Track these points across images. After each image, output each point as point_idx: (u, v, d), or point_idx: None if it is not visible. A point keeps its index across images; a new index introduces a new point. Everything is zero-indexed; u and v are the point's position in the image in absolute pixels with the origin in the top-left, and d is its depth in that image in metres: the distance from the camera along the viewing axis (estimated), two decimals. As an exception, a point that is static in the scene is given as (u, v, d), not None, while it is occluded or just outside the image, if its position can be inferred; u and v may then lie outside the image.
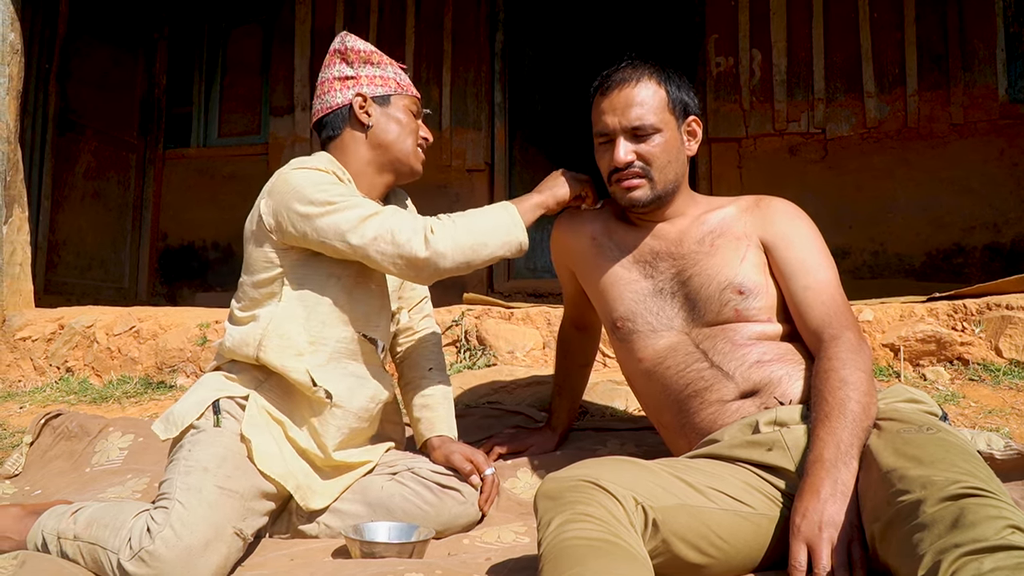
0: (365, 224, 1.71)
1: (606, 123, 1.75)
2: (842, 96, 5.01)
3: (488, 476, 1.89)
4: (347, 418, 1.81)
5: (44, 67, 5.22)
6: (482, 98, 5.60)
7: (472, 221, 1.76)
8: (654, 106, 1.73)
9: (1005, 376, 2.50)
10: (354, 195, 1.77)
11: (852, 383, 1.47)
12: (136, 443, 2.37)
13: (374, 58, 1.94)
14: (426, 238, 1.70)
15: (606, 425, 2.38)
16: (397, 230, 1.70)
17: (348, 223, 1.71)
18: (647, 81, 1.75)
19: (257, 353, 1.76)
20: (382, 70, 1.94)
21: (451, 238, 1.72)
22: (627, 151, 1.72)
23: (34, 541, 1.66)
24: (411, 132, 1.95)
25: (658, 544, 1.30)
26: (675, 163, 1.77)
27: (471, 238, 1.73)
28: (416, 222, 1.73)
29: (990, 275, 4.29)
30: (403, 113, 1.94)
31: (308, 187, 1.74)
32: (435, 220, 1.75)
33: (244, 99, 6.14)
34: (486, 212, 1.80)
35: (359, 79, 1.92)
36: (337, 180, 1.80)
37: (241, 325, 1.83)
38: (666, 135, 1.74)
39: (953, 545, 1.05)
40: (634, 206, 1.77)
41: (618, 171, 1.74)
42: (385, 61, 1.96)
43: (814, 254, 1.70)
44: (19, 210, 3.85)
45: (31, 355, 3.57)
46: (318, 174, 1.78)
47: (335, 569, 1.53)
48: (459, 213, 1.79)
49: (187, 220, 6.12)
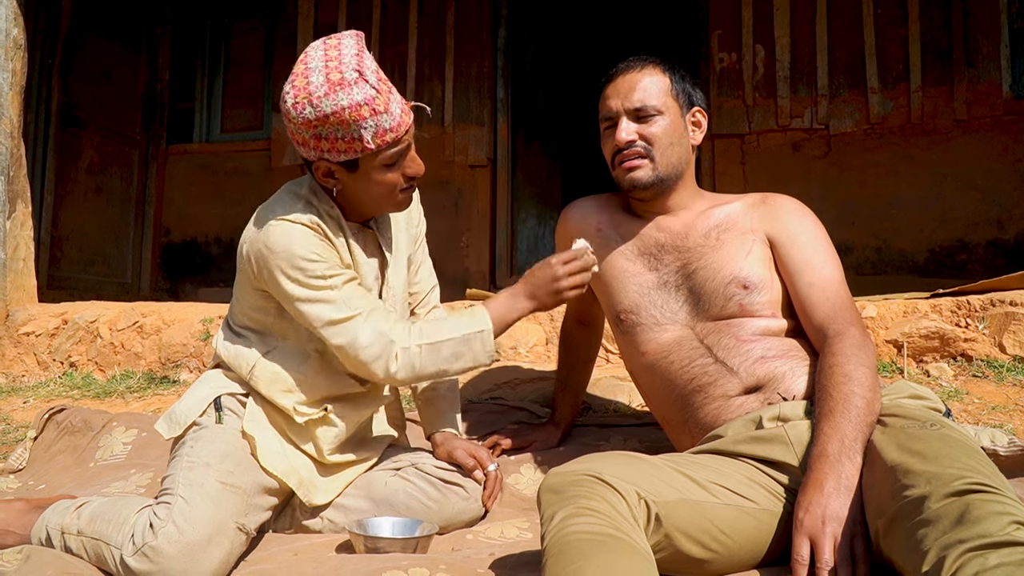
0: (333, 329, 1.67)
1: (609, 107, 1.79)
2: (845, 92, 5.00)
3: (492, 472, 1.90)
4: (338, 433, 1.81)
5: (47, 62, 5.22)
6: (484, 94, 5.59)
7: (440, 348, 1.70)
8: (657, 90, 1.77)
9: (1009, 372, 2.50)
10: (331, 273, 1.69)
11: (856, 379, 1.47)
12: (140, 438, 2.37)
13: (345, 115, 1.58)
14: (386, 368, 1.68)
15: (609, 421, 2.38)
16: (362, 348, 1.67)
17: (317, 321, 1.68)
18: (651, 68, 1.80)
19: (248, 379, 1.77)
20: (353, 129, 1.60)
21: (411, 369, 1.69)
22: (629, 131, 1.76)
23: (38, 536, 1.66)
24: (385, 191, 1.73)
25: (661, 539, 1.30)
26: (678, 147, 1.78)
27: (434, 367, 1.71)
28: (383, 345, 1.67)
29: (994, 271, 4.28)
30: (376, 173, 1.69)
31: (286, 263, 1.67)
32: (402, 342, 1.69)
33: (247, 94, 6.13)
34: (459, 336, 1.71)
35: (323, 141, 1.63)
36: (318, 249, 1.69)
37: (236, 337, 1.82)
38: (668, 119, 1.77)
39: (958, 541, 1.04)
40: (635, 187, 1.78)
41: (620, 152, 1.77)
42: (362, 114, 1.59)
43: (820, 251, 1.70)
44: (22, 205, 3.86)
45: (35, 350, 3.57)
46: (300, 242, 1.67)
47: (339, 564, 1.53)
48: (433, 329, 1.71)
49: (190, 215, 6.13)
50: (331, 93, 1.57)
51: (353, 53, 1.62)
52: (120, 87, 5.93)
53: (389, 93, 1.63)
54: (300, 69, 1.62)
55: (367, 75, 1.59)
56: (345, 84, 1.57)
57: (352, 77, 1.58)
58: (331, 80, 1.57)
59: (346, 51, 1.62)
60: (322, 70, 1.59)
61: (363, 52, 1.65)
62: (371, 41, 5.75)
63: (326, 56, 1.62)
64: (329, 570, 1.50)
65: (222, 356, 1.82)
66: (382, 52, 5.71)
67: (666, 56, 1.87)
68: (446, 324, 1.73)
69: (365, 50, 1.67)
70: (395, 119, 1.63)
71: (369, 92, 1.58)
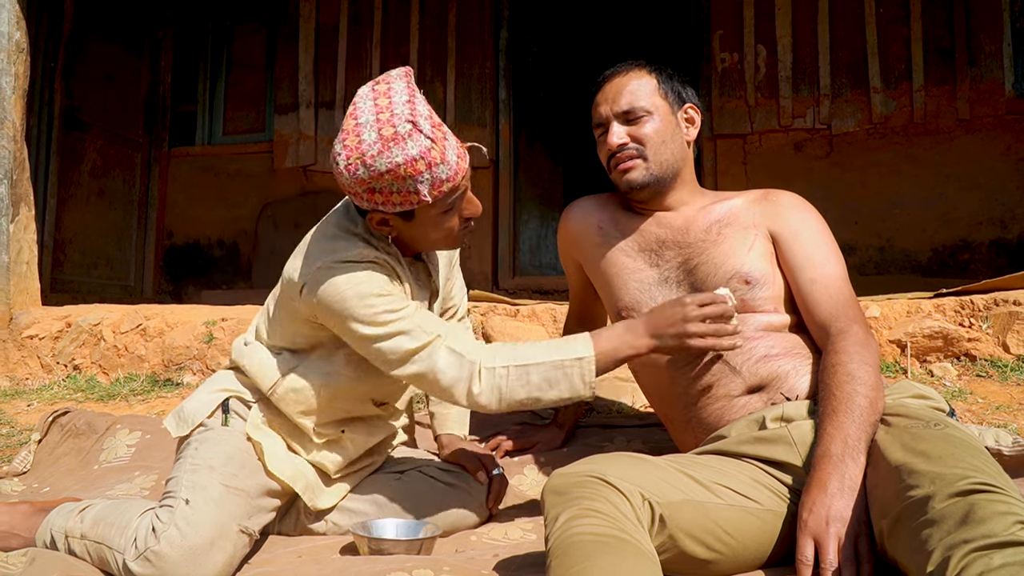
0: (411, 359, 1.60)
1: (600, 113, 1.82)
2: (848, 92, 5.00)
3: (496, 477, 1.89)
4: (348, 457, 1.81)
5: (49, 66, 5.23)
6: (486, 95, 5.59)
7: (529, 372, 1.59)
8: (644, 92, 1.79)
9: (1013, 372, 2.49)
10: (401, 305, 1.62)
11: (859, 378, 1.46)
12: (144, 440, 2.38)
13: (401, 171, 1.50)
14: (469, 391, 1.60)
15: (613, 422, 2.38)
16: (441, 374, 1.60)
17: (394, 355, 1.60)
18: (637, 71, 1.82)
19: (269, 394, 1.74)
20: (409, 184, 1.52)
21: (497, 392, 1.59)
22: (619, 133, 1.77)
23: (43, 539, 1.67)
24: (443, 236, 1.68)
25: (665, 540, 1.30)
26: (671, 145, 1.78)
27: (523, 392, 1.59)
28: (463, 365, 1.59)
29: (996, 271, 4.28)
30: (433, 221, 1.63)
31: (354, 303, 1.59)
32: (485, 362, 1.60)
33: (249, 97, 6.14)
34: (554, 361, 1.59)
35: (376, 195, 1.55)
36: (386, 285, 1.63)
37: (263, 351, 1.78)
38: (658, 118, 1.78)
39: (962, 541, 1.04)
40: (632, 188, 1.78)
41: (614, 155, 1.78)
42: (418, 169, 1.51)
43: (822, 247, 1.70)
44: (25, 209, 3.86)
45: (38, 353, 3.58)
46: (367, 280, 1.60)
47: (343, 566, 1.53)
48: (524, 350, 1.61)
49: (192, 218, 6.13)
50: (385, 151, 1.49)
51: (404, 100, 1.53)
52: (122, 90, 5.94)
53: (444, 140, 1.54)
54: (350, 125, 1.53)
55: (421, 124, 1.50)
56: (399, 139, 1.48)
57: (406, 130, 1.49)
58: (384, 136, 1.49)
59: (396, 98, 1.54)
60: (373, 125, 1.50)
61: (415, 96, 1.56)
62: (372, 43, 5.76)
63: (376, 107, 1.53)
64: (333, 572, 1.50)
65: (244, 366, 1.78)
66: (383, 54, 5.71)
67: (668, 57, 1.88)
68: (540, 346, 1.62)
69: (417, 92, 1.58)
70: (451, 168, 1.55)
71: (424, 144, 1.49)
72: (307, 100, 5.84)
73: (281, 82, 5.95)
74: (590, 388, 1.59)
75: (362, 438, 1.82)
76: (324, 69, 5.85)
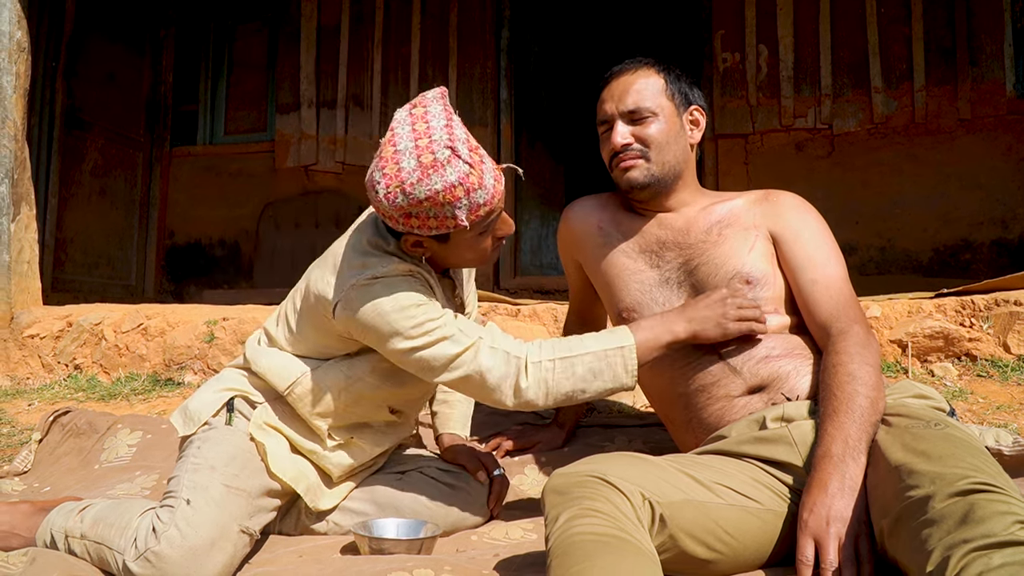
0: (455, 363, 1.60)
1: (605, 110, 1.80)
2: (849, 91, 5.00)
3: (497, 477, 1.89)
4: (353, 464, 1.80)
5: (51, 65, 5.23)
6: (488, 95, 5.59)
7: (574, 364, 1.60)
8: (650, 92, 1.78)
9: (1013, 372, 2.49)
10: (440, 313, 1.62)
11: (860, 378, 1.46)
12: (145, 440, 2.38)
13: (439, 199, 1.50)
14: (516, 387, 1.60)
15: (613, 421, 2.38)
16: (488, 373, 1.60)
17: (438, 361, 1.60)
18: (644, 70, 1.80)
19: (286, 394, 1.73)
20: (447, 209, 1.52)
21: (544, 385, 1.60)
22: (624, 133, 1.76)
23: (43, 538, 1.67)
24: (476, 256, 1.70)
25: (665, 539, 1.30)
26: (674, 146, 1.78)
27: (569, 384, 1.60)
28: (509, 362, 1.60)
29: (998, 271, 4.27)
30: (467, 242, 1.64)
31: (395, 316, 1.59)
32: (531, 356, 1.60)
33: (250, 96, 6.14)
34: (596, 351, 1.61)
35: (413, 219, 1.55)
36: (424, 295, 1.63)
37: (281, 354, 1.77)
38: (663, 119, 1.77)
39: (962, 540, 1.04)
40: (633, 187, 1.78)
41: (617, 155, 1.77)
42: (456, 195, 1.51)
43: (823, 248, 1.70)
44: (27, 208, 3.86)
45: (39, 352, 3.58)
46: (402, 292, 1.60)
47: (344, 565, 1.53)
48: (566, 343, 1.63)
49: (194, 218, 6.13)
50: (424, 179, 1.48)
51: (442, 124, 1.53)
52: (124, 90, 5.94)
53: (482, 164, 1.54)
54: (389, 152, 1.52)
55: (459, 150, 1.50)
56: (438, 166, 1.48)
57: (444, 156, 1.49)
58: (423, 164, 1.48)
59: (434, 122, 1.54)
60: (412, 152, 1.50)
61: (452, 119, 1.56)
62: (374, 43, 5.76)
63: (414, 132, 1.52)
64: (334, 571, 1.50)
65: (259, 365, 1.76)
66: (385, 54, 5.71)
67: (669, 56, 1.87)
68: (581, 339, 1.64)
69: (453, 115, 1.58)
70: (489, 192, 1.55)
71: (463, 170, 1.50)
72: (309, 100, 5.84)
73: (283, 82, 5.95)
74: (633, 377, 1.61)
75: (370, 446, 1.82)
76: (326, 69, 5.85)
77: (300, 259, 5.75)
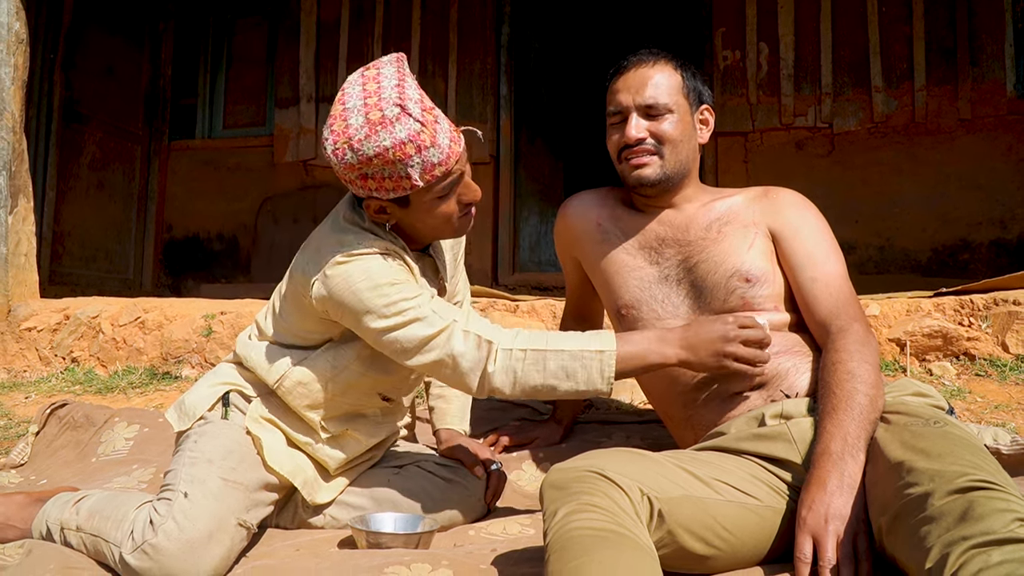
0: (427, 345, 1.59)
1: (620, 100, 1.76)
2: (849, 90, 5.00)
3: (495, 472, 1.89)
4: (350, 450, 1.80)
5: (49, 57, 5.22)
6: (488, 91, 5.58)
7: (547, 358, 1.57)
8: (669, 87, 1.75)
9: (1012, 372, 2.49)
10: (416, 293, 1.61)
11: (859, 376, 1.46)
12: (142, 433, 2.37)
13: (389, 155, 1.50)
14: (484, 369, 1.58)
15: (612, 418, 2.38)
16: (461, 356, 1.58)
17: (411, 343, 1.59)
18: (664, 64, 1.77)
19: (276, 387, 1.72)
20: (400, 168, 1.52)
21: (511, 374, 1.58)
22: (639, 128, 1.73)
23: (39, 530, 1.66)
24: (441, 222, 1.66)
25: (664, 535, 1.30)
26: (686, 146, 1.76)
27: (539, 378, 1.58)
28: (480, 346, 1.58)
29: (996, 271, 4.28)
30: (429, 206, 1.62)
31: (368, 294, 1.58)
32: (503, 343, 1.58)
33: (249, 90, 6.13)
34: (573, 351, 1.58)
35: (369, 180, 1.56)
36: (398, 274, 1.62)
37: (270, 346, 1.76)
38: (678, 117, 1.74)
39: (961, 538, 1.04)
40: (642, 184, 1.75)
41: (628, 148, 1.74)
42: (407, 152, 1.51)
43: (822, 245, 1.70)
44: (24, 200, 3.85)
45: (36, 345, 3.57)
46: (377, 270, 1.59)
47: (341, 559, 1.53)
48: (544, 336, 1.60)
49: (192, 211, 6.12)
50: (372, 135, 1.48)
51: (393, 84, 1.52)
52: (122, 83, 5.93)
53: (435, 124, 1.53)
54: (338, 110, 1.53)
55: (410, 108, 1.50)
56: (386, 122, 1.48)
57: (393, 113, 1.49)
58: (371, 120, 1.49)
59: (385, 82, 1.53)
60: (360, 109, 1.50)
61: (404, 80, 1.55)
62: (373, 38, 5.75)
63: (364, 91, 1.53)
64: (331, 565, 1.50)
65: (249, 360, 1.76)
66: (385, 49, 5.70)
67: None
68: (561, 335, 1.61)
69: (408, 76, 1.57)
70: (443, 152, 1.54)
71: (413, 127, 1.49)
72: (308, 94, 5.83)
73: (282, 76, 5.94)
74: (608, 383, 1.57)
75: (365, 438, 1.81)
76: (325, 63, 5.85)
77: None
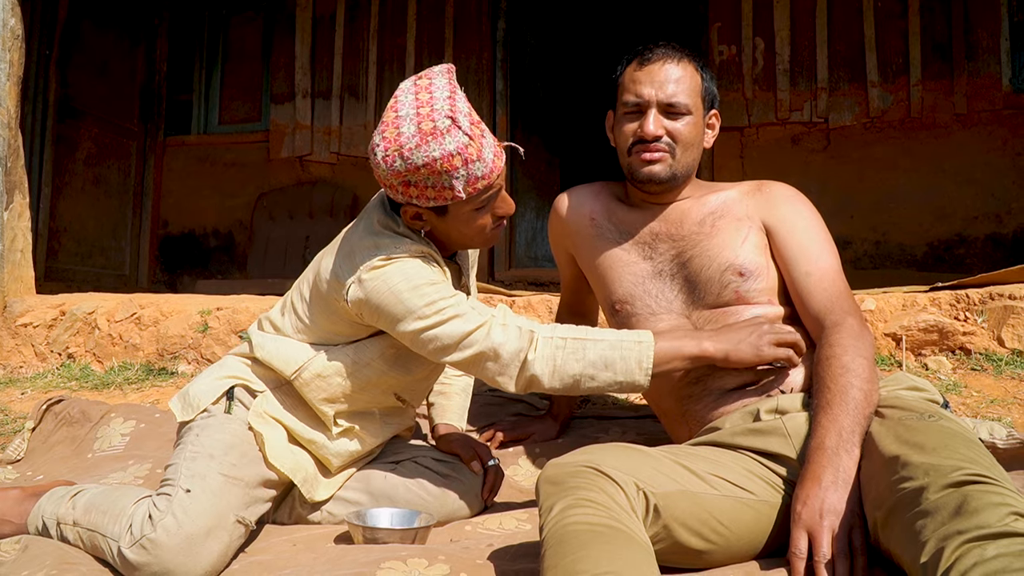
0: (467, 340, 1.60)
1: (642, 92, 1.72)
2: (845, 85, 5.00)
3: (491, 467, 1.89)
4: (352, 452, 1.81)
5: (44, 53, 5.20)
6: (483, 86, 5.57)
7: (586, 347, 1.58)
8: (690, 88, 1.73)
9: (1007, 366, 2.50)
10: (452, 292, 1.64)
11: (854, 370, 1.46)
12: (138, 429, 2.37)
13: (437, 166, 1.53)
14: (524, 358, 1.58)
15: (607, 413, 2.38)
16: (501, 347, 1.59)
17: (451, 339, 1.60)
18: (687, 63, 1.75)
19: (293, 379, 1.72)
20: (445, 179, 1.55)
21: (551, 362, 1.58)
22: (658, 124, 1.71)
23: (35, 524, 1.66)
24: (475, 233, 1.70)
25: (659, 530, 1.31)
26: (696, 148, 1.76)
27: (578, 367, 1.58)
28: (521, 336, 1.59)
29: (992, 265, 4.28)
30: (465, 217, 1.66)
31: (408, 295, 1.59)
32: (543, 331, 1.60)
33: (245, 86, 6.11)
34: (612, 340, 1.59)
35: (412, 188, 1.58)
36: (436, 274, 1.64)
37: (285, 339, 1.76)
38: (694, 119, 1.74)
39: (956, 532, 1.05)
40: (651, 181, 1.73)
41: (643, 143, 1.72)
42: (454, 164, 1.54)
43: (816, 239, 1.69)
44: (20, 196, 3.84)
45: (32, 341, 3.57)
46: (415, 271, 1.61)
47: (338, 554, 1.53)
48: (580, 328, 1.62)
49: (188, 207, 6.11)
50: (423, 144, 1.52)
51: (445, 96, 1.56)
52: (118, 79, 5.91)
53: (482, 138, 1.58)
54: (390, 117, 1.57)
55: (460, 121, 1.54)
56: (437, 133, 1.52)
57: (445, 125, 1.52)
58: (423, 130, 1.52)
59: (437, 93, 1.57)
60: (413, 119, 1.53)
61: (456, 92, 1.59)
62: (369, 33, 5.74)
63: (417, 101, 1.56)
64: (328, 561, 1.50)
65: (264, 350, 1.75)
66: (381, 44, 5.69)
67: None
68: (598, 329, 1.63)
69: (458, 89, 1.61)
70: (487, 166, 1.59)
71: (462, 140, 1.53)
72: (303, 90, 5.82)
73: (277, 72, 5.93)
74: (646, 375, 1.57)
75: (371, 437, 1.82)
76: (321, 59, 5.83)
77: (294, 249, 5.74)
